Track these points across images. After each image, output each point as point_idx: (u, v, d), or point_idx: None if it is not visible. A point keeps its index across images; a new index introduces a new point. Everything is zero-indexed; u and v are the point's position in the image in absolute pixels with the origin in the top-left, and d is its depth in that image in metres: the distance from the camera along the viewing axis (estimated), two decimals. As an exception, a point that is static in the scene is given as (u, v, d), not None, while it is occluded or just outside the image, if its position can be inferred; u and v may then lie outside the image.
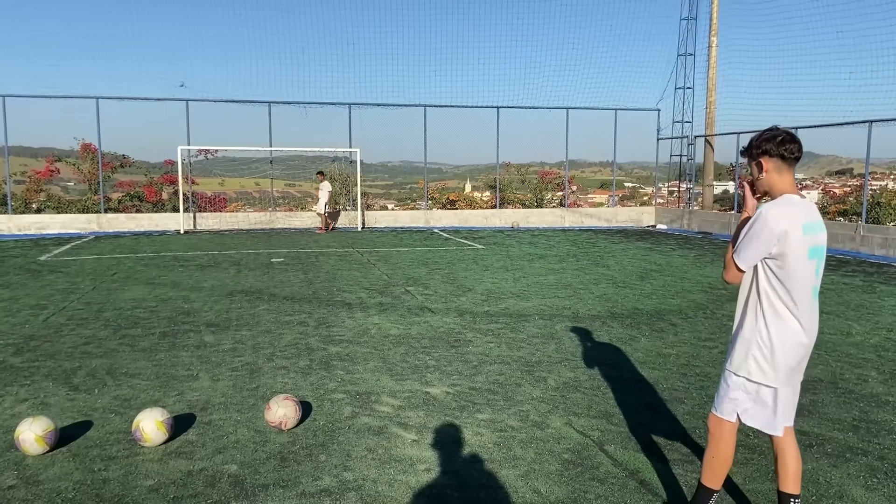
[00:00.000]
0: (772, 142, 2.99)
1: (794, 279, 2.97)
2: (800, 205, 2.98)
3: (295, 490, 3.64)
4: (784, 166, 3.01)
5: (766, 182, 3.06)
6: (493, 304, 8.88)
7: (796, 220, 2.92)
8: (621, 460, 4.02)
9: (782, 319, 3.01)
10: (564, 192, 24.81)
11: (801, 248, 2.93)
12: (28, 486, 3.68)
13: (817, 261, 3.02)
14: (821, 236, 3.02)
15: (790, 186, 3.03)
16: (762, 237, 2.93)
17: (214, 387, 5.39)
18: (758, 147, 3.03)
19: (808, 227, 2.95)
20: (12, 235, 19.31)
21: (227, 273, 11.65)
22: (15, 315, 8.11)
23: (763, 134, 3.05)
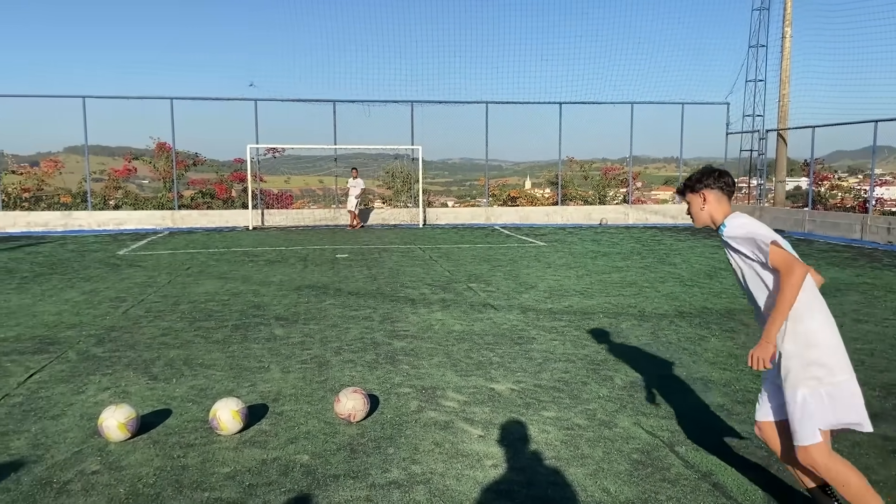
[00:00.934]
0: (711, 176, 3.35)
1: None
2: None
3: (365, 481, 3.71)
4: (724, 197, 3.37)
5: (708, 212, 3.38)
6: (557, 301, 8.81)
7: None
8: (693, 462, 3.94)
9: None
10: (628, 189, 24.38)
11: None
12: (111, 472, 3.86)
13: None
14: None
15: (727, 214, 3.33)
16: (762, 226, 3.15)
17: (285, 378, 5.54)
18: (700, 182, 3.38)
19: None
20: (92, 231, 20.25)
21: (295, 268, 11.92)
22: (96, 307, 8.51)
23: (702, 171, 3.42)
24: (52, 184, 22.33)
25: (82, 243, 16.61)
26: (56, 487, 3.64)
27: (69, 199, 22.16)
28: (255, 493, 3.58)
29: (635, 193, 25.12)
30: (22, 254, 14.41)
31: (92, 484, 3.69)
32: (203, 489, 3.62)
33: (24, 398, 5.08)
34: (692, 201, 3.44)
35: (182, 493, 3.58)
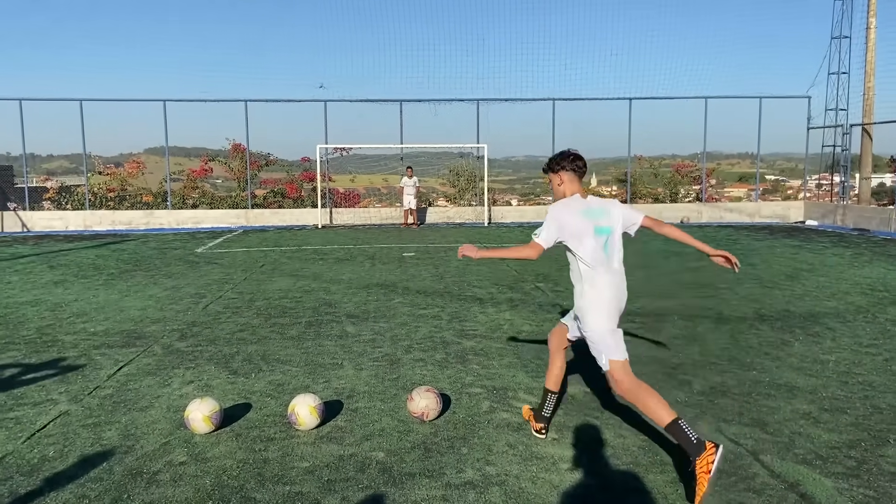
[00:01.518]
0: (566, 160, 4.09)
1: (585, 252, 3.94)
2: (577, 200, 4.03)
3: (440, 481, 3.73)
4: (576, 178, 4.13)
5: (563, 190, 4.12)
6: (628, 302, 8.62)
7: (574, 209, 3.98)
8: (779, 471, 3.80)
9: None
10: (702, 186, 23.72)
11: (586, 229, 3.93)
12: (197, 463, 4.00)
13: (606, 237, 3.97)
14: (603, 219, 3.98)
15: (580, 190, 4.12)
16: (550, 222, 3.99)
17: (358, 376, 5.63)
18: (558, 164, 4.11)
19: (587, 213, 3.97)
20: (172, 229, 21.08)
21: (363, 266, 12.10)
22: (178, 303, 8.85)
23: (560, 154, 4.16)
24: (134, 184, 23.36)
25: (163, 241, 17.30)
26: (146, 477, 3.80)
27: (150, 199, 23.15)
28: (334, 488, 3.65)
29: (708, 191, 24.40)
30: (108, 251, 15.13)
31: (180, 475, 3.84)
32: (284, 483, 3.72)
33: (114, 390, 5.33)
34: (552, 179, 4.17)
35: (264, 485, 3.69)
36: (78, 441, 4.32)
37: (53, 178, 24.83)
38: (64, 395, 5.20)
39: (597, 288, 3.94)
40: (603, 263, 3.95)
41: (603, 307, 3.95)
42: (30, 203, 22.05)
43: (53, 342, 6.83)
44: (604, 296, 3.94)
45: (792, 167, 33.01)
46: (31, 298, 9.25)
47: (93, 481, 3.75)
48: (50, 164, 29.55)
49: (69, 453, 4.13)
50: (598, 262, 3.93)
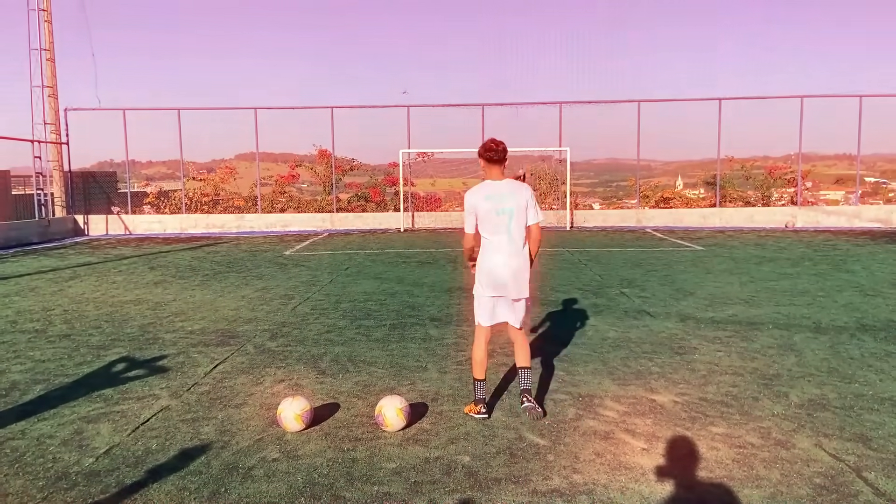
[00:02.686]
0: (482, 148, 4.77)
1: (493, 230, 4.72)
2: (486, 186, 4.75)
3: (526, 487, 3.71)
4: (488, 165, 4.78)
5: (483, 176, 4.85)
6: (719, 309, 8.36)
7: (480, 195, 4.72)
8: (885, 490, 3.58)
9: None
10: (797, 189, 22.65)
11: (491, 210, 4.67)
12: (289, 460, 4.13)
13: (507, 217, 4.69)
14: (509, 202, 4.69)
15: (496, 175, 4.78)
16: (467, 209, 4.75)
17: (442, 379, 5.67)
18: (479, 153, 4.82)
19: (489, 198, 4.69)
20: (261, 232, 21.88)
21: (445, 270, 12.19)
22: (268, 303, 9.17)
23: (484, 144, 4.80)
24: (226, 189, 24.39)
25: (253, 244, 17.98)
26: (242, 472, 3.96)
27: (242, 203, 24.09)
28: (421, 490, 3.69)
29: (804, 194, 23.27)
30: (203, 253, 15.85)
31: (273, 471, 3.97)
32: (372, 483, 3.79)
33: (210, 387, 5.57)
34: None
35: (353, 485, 3.77)
36: (178, 435, 4.54)
37: (152, 184, 26.23)
38: (165, 391, 5.48)
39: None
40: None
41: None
42: (131, 207, 23.36)
43: (155, 340, 7.21)
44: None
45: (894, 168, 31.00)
46: (133, 297, 9.80)
47: (192, 474, 3.94)
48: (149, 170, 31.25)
49: (170, 447, 4.35)
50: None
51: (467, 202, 4.72)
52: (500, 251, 4.72)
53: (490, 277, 4.76)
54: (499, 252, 4.72)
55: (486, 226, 4.70)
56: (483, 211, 4.67)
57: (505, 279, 4.74)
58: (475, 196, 4.72)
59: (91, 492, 3.74)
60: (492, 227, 4.69)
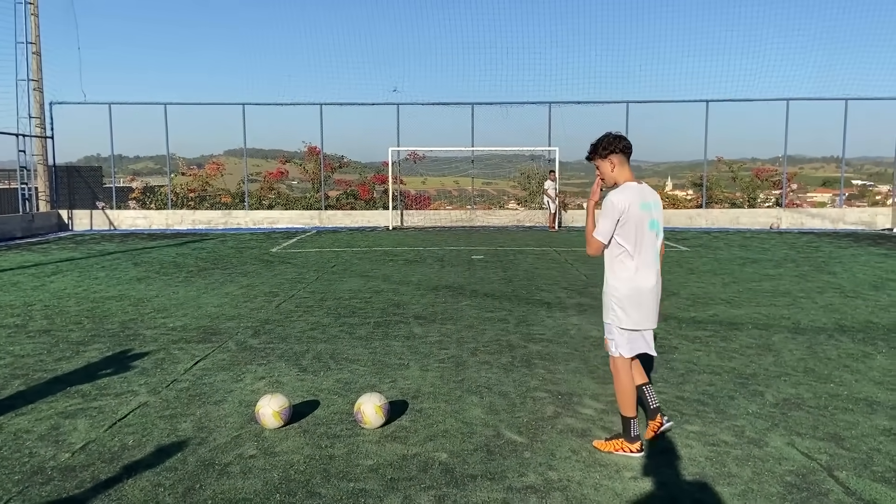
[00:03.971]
0: (615, 142, 3.99)
1: (639, 243, 3.97)
2: (636, 188, 3.98)
3: (502, 484, 3.73)
4: (625, 160, 4.03)
5: (615, 175, 4.04)
6: (700, 309, 8.42)
7: (634, 200, 3.93)
8: (855, 489, 3.63)
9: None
10: (782, 191, 22.82)
11: (643, 220, 3.94)
12: (266, 457, 4.13)
13: (656, 231, 4.04)
14: (656, 212, 4.03)
15: (629, 175, 4.05)
16: (611, 215, 3.94)
17: (424, 377, 5.69)
18: (605, 149, 4.01)
19: (644, 206, 3.96)
20: (248, 229, 21.80)
21: (432, 268, 12.21)
22: (252, 300, 9.15)
23: (605, 138, 4.04)
24: (214, 185, 24.28)
25: (240, 240, 17.92)
26: (218, 469, 3.95)
27: (229, 199, 24.00)
28: (397, 486, 3.71)
29: (789, 196, 23.45)
30: (188, 249, 15.79)
31: (249, 467, 3.98)
32: (349, 479, 3.80)
33: (189, 383, 5.56)
34: (601, 166, 4.07)
35: (329, 481, 3.78)
36: (155, 431, 4.53)
37: (139, 179, 26.09)
38: (144, 387, 5.46)
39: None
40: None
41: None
42: (116, 202, 23.23)
43: (135, 336, 7.18)
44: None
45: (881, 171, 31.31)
46: (115, 294, 9.76)
47: (168, 470, 3.93)
48: (137, 165, 31.13)
49: (147, 443, 4.34)
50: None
51: (617, 204, 3.90)
52: (649, 272, 4.00)
53: (638, 305, 4.01)
54: (648, 274, 4.00)
55: (631, 239, 3.94)
56: (634, 220, 3.91)
57: (653, 307, 4.07)
58: (628, 199, 3.91)
59: (66, 487, 3.73)
60: (638, 242, 3.95)
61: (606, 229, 3.96)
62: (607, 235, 3.97)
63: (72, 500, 3.59)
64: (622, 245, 3.98)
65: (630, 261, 3.98)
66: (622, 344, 4.13)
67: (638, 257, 3.96)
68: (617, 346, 4.16)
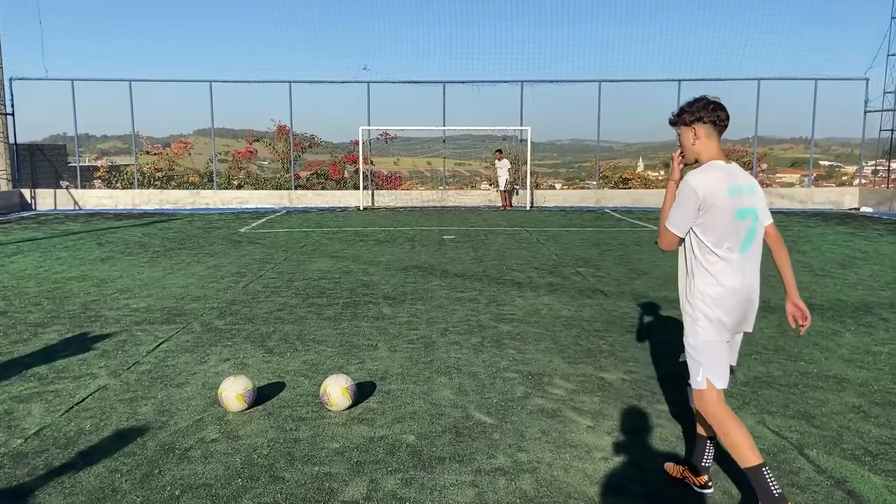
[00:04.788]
0: (705, 109, 3.15)
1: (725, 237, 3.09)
2: (724, 169, 3.13)
3: (470, 466, 3.66)
4: (714, 133, 3.19)
5: (697, 149, 3.22)
6: (671, 289, 8.42)
7: (720, 184, 3.08)
8: (825, 467, 3.62)
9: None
10: (752, 171, 23.03)
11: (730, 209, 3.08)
12: (229, 441, 4.01)
13: (750, 221, 3.14)
14: (747, 198, 3.13)
15: (717, 153, 3.20)
16: (689, 201, 3.09)
17: (392, 358, 5.59)
18: (691, 114, 3.18)
19: (733, 190, 3.10)
20: (217, 209, 21.42)
21: (403, 248, 12.08)
22: (219, 281, 8.95)
23: (695, 102, 3.20)
24: (181, 164, 23.79)
25: (208, 220, 17.58)
26: (178, 453, 3.82)
27: (197, 179, 23.53)
28: (363, 470, 3.61)
29: (759, 176, 23.68)
30: (154, 229, 15.44)
31: (211, 452, 3.85)
32: (313, 463, 3.70)
33: (152, 366, 5.39)
34: (683, 134, 3.27)
35: (293, 465, 3.67)
36: (114, 415, 4.38)
37: (105, 158, 25.46)
38: (104, 370, 5.29)
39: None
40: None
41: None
42: (81, 181, 22.64)
43: (97, 317, 6.97)
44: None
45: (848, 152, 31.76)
46: (78, 274, 9.48)
47: (125, 456, 3.79)
48: (104, 145, 30.37)
49: (105, 427, 4.19)
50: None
51: (696, 187, 3.05)
52: (740, 273, 3.14)
53: (727, 312, 3.14)
54: (739, 274, 3.14)
55: (716, 234, 3.08)
56: (721, 209, 3.06)
57: (745, 311, 3.23)
58: (711, 181, 3.07)
59: (17, 474, 3.57)
60: (726, 237, 3.09)
61: (681, 218, 3.11)
62: (682, 226, 3.12)
63: (21, 488, 3.44)
64: (703, 241, 3.10)
65: (717, 261, 3.11)
66: (711, 367, 3.16)
67: (727, 255, 3.10)
68: (703, 371, 3.17)
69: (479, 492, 3.39)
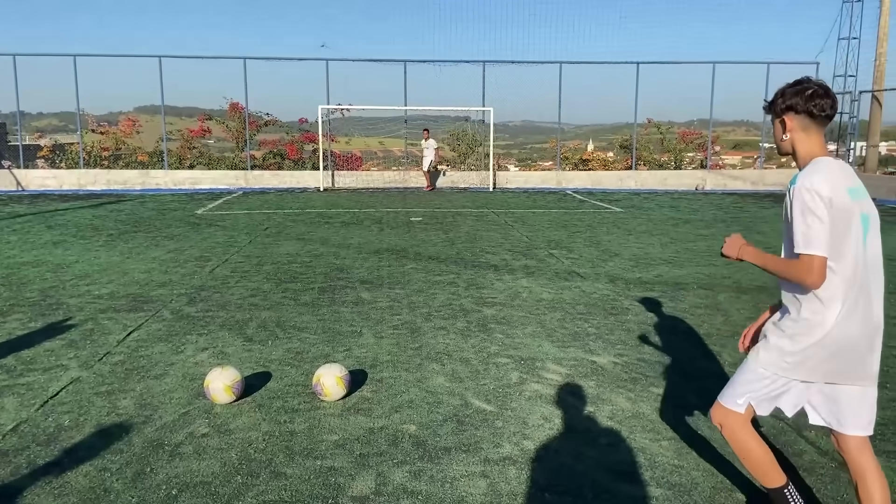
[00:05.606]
0: (799, 96, 2.54)
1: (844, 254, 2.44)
2: (837, 167, 2.50)
3: (478, 456, 3.57)
4: (812, 125, 2.56)
5: (790, 143, 2.62)
6: (644, 270, 8.49)
7: (838, 184, 2.43)
8: (826, 449, 3.65)
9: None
10: (707, 154, 23.44)
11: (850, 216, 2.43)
12: (221, 435, 3.82)
13: (863, 230, 2.49)
14: (867, 202, 2.53)
15: (820, 149, 2.57)
16: (819, 210, 2.38)
17: (379, 344, 5.45)
18: (783, 102, 2.59)
19: (853, 192, 2.47)
20: (169, 190, 20.73)
21: (371, 231, 11.88)
22: (183, 266, 8.63)
23: (791, 87, 2.59)
24: (129, 143, 22.90)
25: (161, 202, 17.00)
26: (168, 450, 3.63)
27: (146, 158, 22.70)
28: (368, 463, 3.49)
29: (713, 158, 24.11)
30: (105, 211, 14.84)
31: (203, 447, 3.67)
32: (314, 457, 3.55)
33: (125, 356, 5.14)
34: (775, 125, 2.70)
35: (294, 459, 3.52)
36: (93, 410, 4.14)
37: (47, 136, 24.33)
38: (74, 361, 5.01)
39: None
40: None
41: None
42: (24, 161, 21.61)
43: (59, 305, 6.62)
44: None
45: (789, 136, 32.63)
46: (31, 259, 9.01)
47: (113, 453, 3.58)
48: (40, 122, 28.96)
49: (85, 423, 3.96)
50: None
51: (820, 189, 2.38)
52: (861, 298, 2.48)
53: (832, 350, 2.50)
54: (860, 300, 2.48)
55: (838, 249, 2.44)
56: (843, 218, 2.42)
57: (862, 351, 2.51)
58: (832, 183, 2.41)
59: (0, 473, 3.34)
60: (840, 250, 2.44)
61: (822, 231, 2.38)
62: (825, 241, 2.38)
63: (7, 489, 3.21)
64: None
65: (839, 285, 2.45)
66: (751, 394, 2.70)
67: (849, 280, 2.44)
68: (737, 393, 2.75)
69: (490, 482, 3.31)
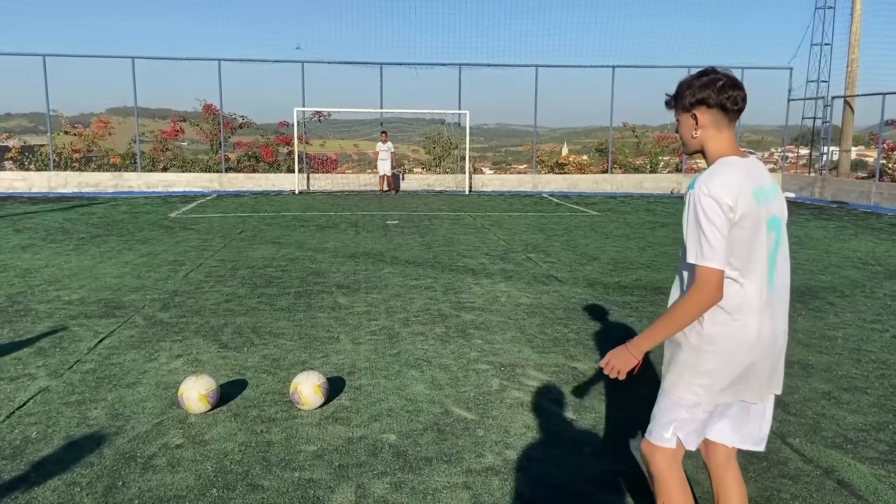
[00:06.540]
0: (710, 87, 2.28)
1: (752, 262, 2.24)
2: (742, 166, 2.26)
3: (459, 466, 3.51)
4: (724, 120, 2.31)
5: (700, 141, 2.37)
6: (623, 274, 8.50)
7: (744, 187, 2.20)
8: (810, 456, 3.65)
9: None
10: (682, 157, 23.64)
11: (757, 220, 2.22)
12: (195, 446, 3.71)
13: (774, 235, 2.30)
14: (776, 203, 2.32)
15: (730, 147, 2.33)
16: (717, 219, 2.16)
17: (357, 350, 5.36)
18: (692, 94, 2.32)
19: (759, 194, 2.24)
20: (142, 192, 20.39)
21: (347, 234, 11.76)
22: (156, 270, 8.45)
23: (699, 77, 2.33)
24: (101, 145, 22.48)
25: (133, 205, 16.70)
26: (141, 462, 3.51)
27: (118, 161, 22.30)
28: (347, 474, 3.41)
29: (688, 162, 24.33)
30: (76, 214, 14.53)
31: (177, 459, 3.55)
32: (292, 468, 3.46)
33: (96, 364, 4.99)
34: (682, 121, 2.42)
35: (271, 471, 3.43)
36: (62, 420, 4.00)
37: (16, 137, 23.78)
38: (42, 370, 4.85)
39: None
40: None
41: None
42: (-9, 163, 21.11)
43: (26, 311, 6.43)
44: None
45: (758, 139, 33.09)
46: (-2, 264, 8.77)
47: (82, 466, 3.46)
48: (8, 123, 28.33)
49: (54, 434, 3.82)
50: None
51: (723, 196, 2.17)
52: (763, 307, 2.29)
53: (733, 366, 2.31)
54: (761, 310, 2.29)
55: (742, 253, 2.24)
56: (749, 222, 2.21)
57: (764, 367, 2.36)
58: (736, 185, 2.20)
59: (-43, 493, 3.19)
60: (751, 257, 2.25)
61: (719, 243, 2.16)
62: (722, 254, 2.17)
63: (-34, 509, 3.07)
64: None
65: (738, 291, 2.26)
66: (690, 427, 2.41)
67: (751, 285, 2.26)
68: (676, 428, 2.42)
69: (473, 494, 3.25)
